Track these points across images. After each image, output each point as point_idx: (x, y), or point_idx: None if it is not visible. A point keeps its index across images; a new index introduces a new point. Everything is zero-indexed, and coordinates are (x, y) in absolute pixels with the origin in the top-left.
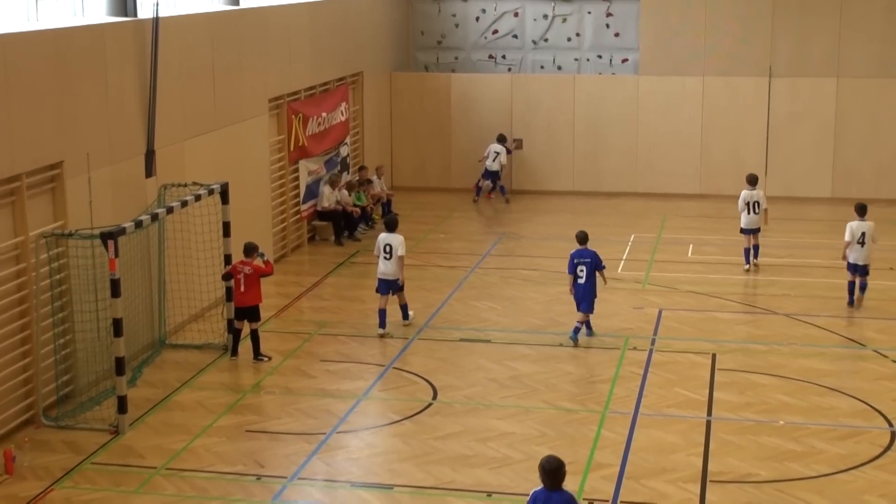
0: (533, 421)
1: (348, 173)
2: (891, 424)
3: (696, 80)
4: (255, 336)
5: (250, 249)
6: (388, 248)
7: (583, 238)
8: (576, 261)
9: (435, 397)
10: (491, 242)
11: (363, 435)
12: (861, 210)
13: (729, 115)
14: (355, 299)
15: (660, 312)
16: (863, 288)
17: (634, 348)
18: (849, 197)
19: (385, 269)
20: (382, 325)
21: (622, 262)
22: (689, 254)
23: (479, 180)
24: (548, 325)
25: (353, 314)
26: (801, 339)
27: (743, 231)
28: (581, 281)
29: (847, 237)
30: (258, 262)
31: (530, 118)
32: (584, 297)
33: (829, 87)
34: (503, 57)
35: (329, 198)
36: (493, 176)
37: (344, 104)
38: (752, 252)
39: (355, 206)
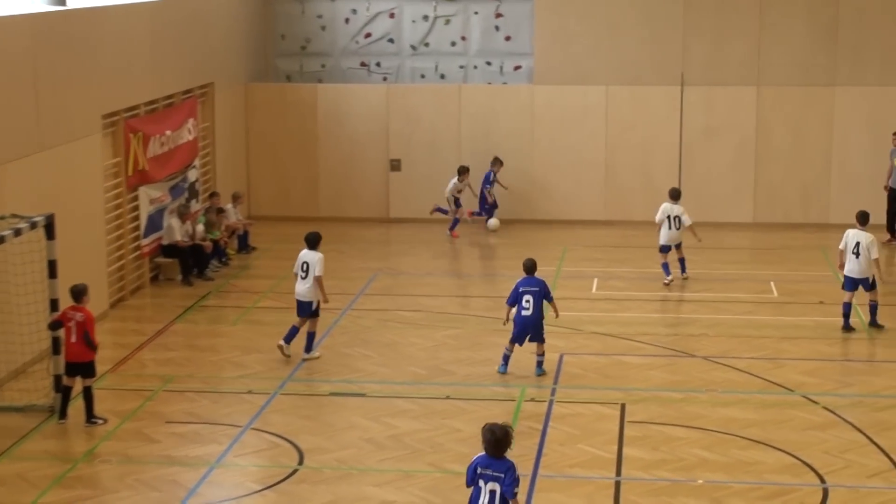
0: (416, 487)
1: (197, 201)
2: (823, 480)
3: (598, 90)
4: (87, 395)
5: (79, 293)
6: (304, 267)
7: (530, 267)
8: (522, 289)
9: (301, 462)
10: (366, 280)
11: None
12: (862, 218)
13: (637, 130)
14: (207, 349)
15: (560, 357)
16: (872, 310)
17: (532, 399)
18: (773, 222)
19: (300, 289)
20: (287, 339)
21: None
22: (594, 289)
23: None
24: (432, 375)
25: (204, 366)
26: (722, 384)
27: (662, 249)
28: (527, 312)
29: (840, 245)
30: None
31: (410, 134)
32: (534, 328)
33: (748, 97)
34: (378, 64)
35: (179, 231)
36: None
37: (191, 121)
38: (680, 265)
39: (207, 239)
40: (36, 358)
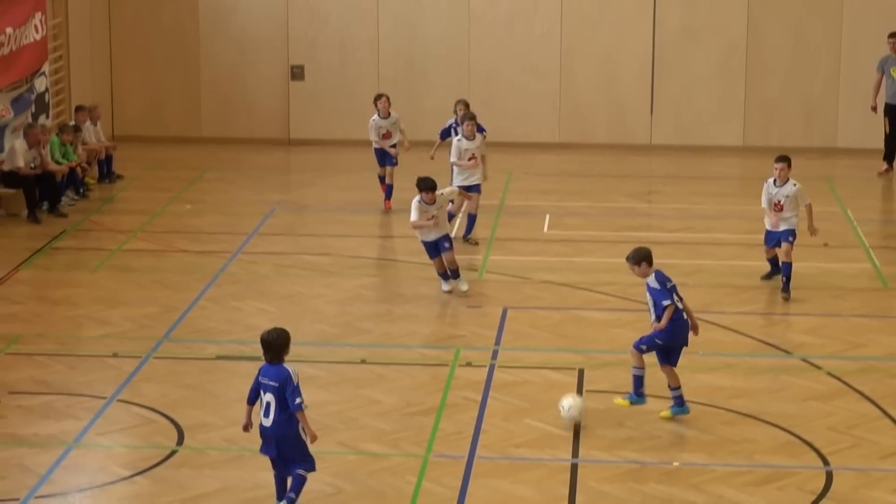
0: (325, 472)
1: (48, 117)
2: (826, 462)
3: None
4: None
5: None
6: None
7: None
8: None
9: (181, 442)
10: (261, 216)
11: (75, 500)
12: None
13: (600, 32)
14: (62, 302)
15: (504, 312)
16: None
17: (468, 364)
18: (767, 146)
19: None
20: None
21: None
22: (545, 228)
23: None
24: (344, 334)
25: (57, 323)
26: (703, 345)
27: None
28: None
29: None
30: None
31: (315, 36)
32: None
33: None
34: None
35: (24, 155)
36: None
37: (39, 15)
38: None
39: (59, 163)
40: None
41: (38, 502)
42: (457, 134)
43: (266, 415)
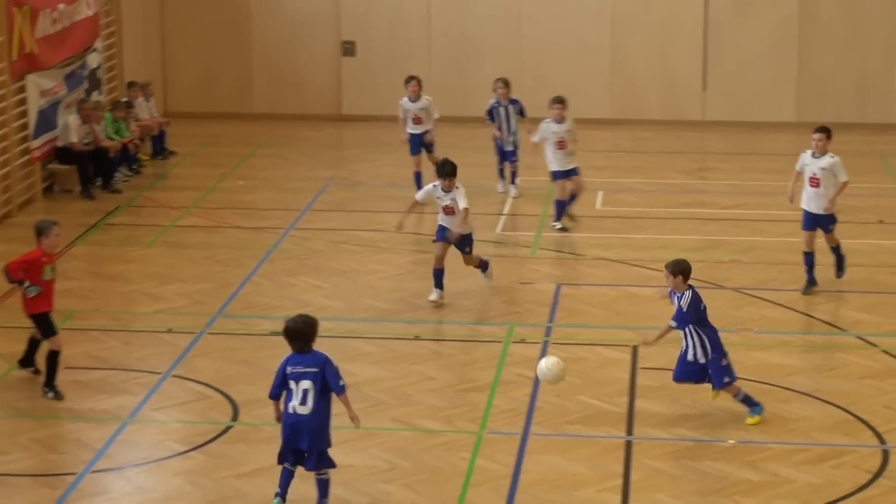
0: (379, 448)
1: (101, 94)
2: (882, 440)
3: None
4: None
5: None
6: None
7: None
8: None
9: (236, 417)
10: (313, 192)
11: (131, 475)
12: None
13: (652, 7)
14: (116, 277)
15: (557, 289)
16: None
17: (522, 341)
18: (821, 121)
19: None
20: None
21: (502, 218)
22: (598, 205)
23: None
24: (398, 311)
25: (112, 299)
26: (758, 323)
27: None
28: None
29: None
30: None
31: (366, 11)
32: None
33: None
34: None
35: (77, 131)
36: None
37: None
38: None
39: (112, 139)
40: None
41: (94, 476)
42: (491, 117)
43: (304, 403)
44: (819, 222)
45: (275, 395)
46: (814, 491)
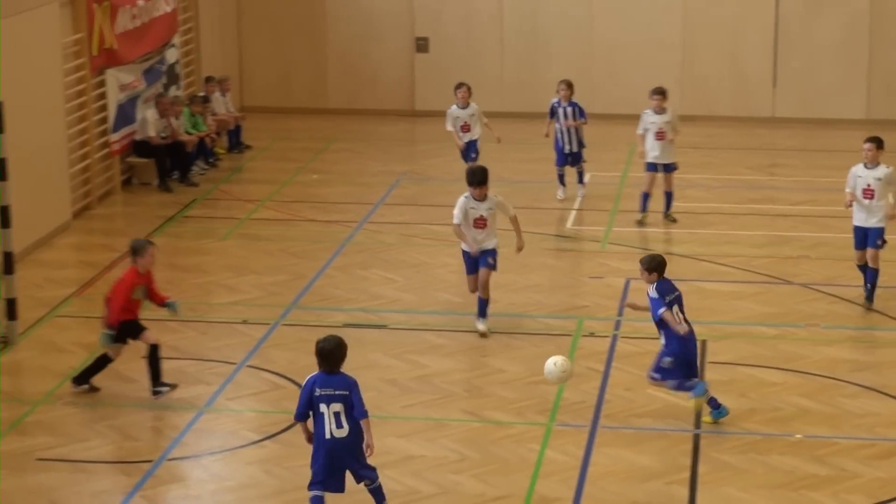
0: (449, 439)
1: (178, 88)
2: None
3: None
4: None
5: (132, 250)
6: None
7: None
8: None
9: None
10: (386, 186)
11: (207, 462)
12: None
13: (723, 4)
14: (192, 269)
15: (627, 283)
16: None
17: (591, 334)
18: (891, 118)
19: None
20: None
21: (572, 212)
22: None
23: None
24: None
25: (189, 290)
26: (825, 318)
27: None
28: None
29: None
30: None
31: (440, 8)
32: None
33: None
34: None
35: (155, 125)
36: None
37: None
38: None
39: (190, 134)
40: None
41: (170, 464)
42: (556, 116)
43: (340, 426)
44: (869, 236)
45: (303, 416)
46: (881, 486)
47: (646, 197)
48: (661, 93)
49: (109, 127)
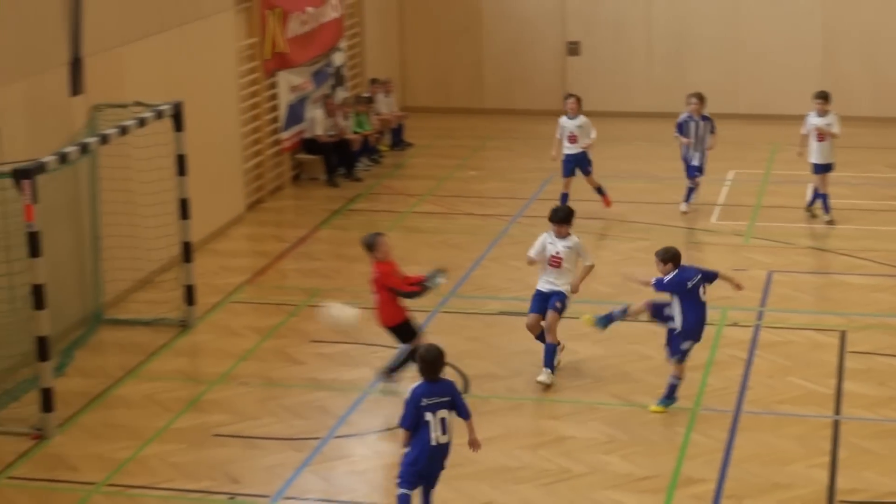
0: (598, 421)
1: (345, 89)
2: None
3: None
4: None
5: (367, 245)
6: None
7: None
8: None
9: (466, 390)
10: (539, 182)
11: (370, 440)
12: None
13: (862, 6)
14: (357, 259)
15: (769, 276)
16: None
17: (735, 324)
18: None
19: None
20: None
21: (717, 207)
22: (809, 196)
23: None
24: (618, 293)
25: (353, 279)
26: None
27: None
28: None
29: None
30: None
31: (590, 13)
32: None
33: None
34: None
35: (323, 124)
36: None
37: None
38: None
39: (356, 132)
40: (165, 266)
41: (337, 441)
42: (681, 130)
43: (445, 432)
44: None
45: (412, 426)
46: None
47: (823, 197)
48: (823, 96)
49: (280, 126)
